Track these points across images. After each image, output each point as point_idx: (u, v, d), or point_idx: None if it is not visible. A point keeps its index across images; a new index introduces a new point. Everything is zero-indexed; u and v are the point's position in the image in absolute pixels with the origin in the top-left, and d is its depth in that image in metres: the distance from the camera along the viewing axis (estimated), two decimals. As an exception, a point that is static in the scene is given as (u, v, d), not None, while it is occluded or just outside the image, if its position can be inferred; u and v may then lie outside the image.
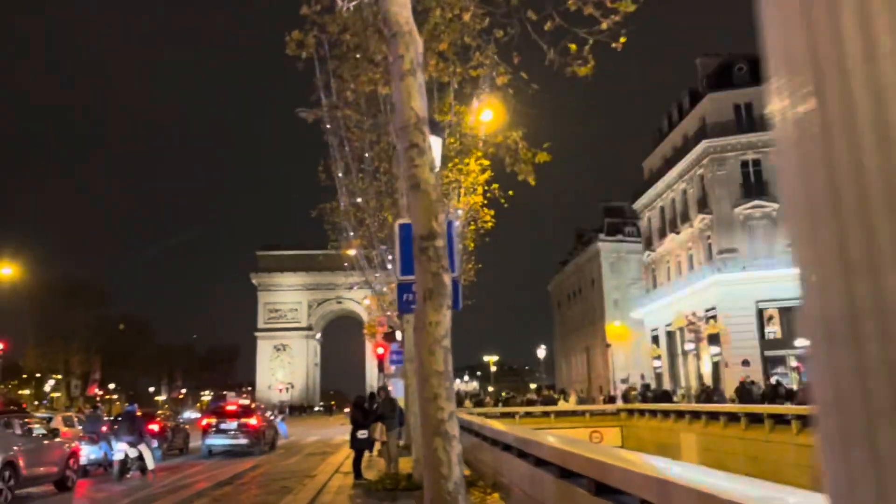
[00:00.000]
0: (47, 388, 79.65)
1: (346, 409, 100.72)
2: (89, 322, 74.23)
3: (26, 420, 14.01)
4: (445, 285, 4.35)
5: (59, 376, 75.63)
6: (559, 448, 7.42)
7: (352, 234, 21.89)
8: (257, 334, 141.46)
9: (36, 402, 76.26)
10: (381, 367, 32.41)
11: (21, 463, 12.69)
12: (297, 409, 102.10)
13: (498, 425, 13.36)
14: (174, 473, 17.93)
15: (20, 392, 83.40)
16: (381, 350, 31.21)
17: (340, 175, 21.13)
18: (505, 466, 11.33)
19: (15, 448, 12.71)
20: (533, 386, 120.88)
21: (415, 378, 4.24)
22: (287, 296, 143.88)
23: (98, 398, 74.89)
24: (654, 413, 30.21)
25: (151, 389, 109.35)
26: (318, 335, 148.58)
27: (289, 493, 13.75)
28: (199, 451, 23.76)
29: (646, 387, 43.59)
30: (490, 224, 22.35)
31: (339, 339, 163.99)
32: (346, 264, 26.99)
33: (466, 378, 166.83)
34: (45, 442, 14.10)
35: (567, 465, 7.19)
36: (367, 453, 14.84)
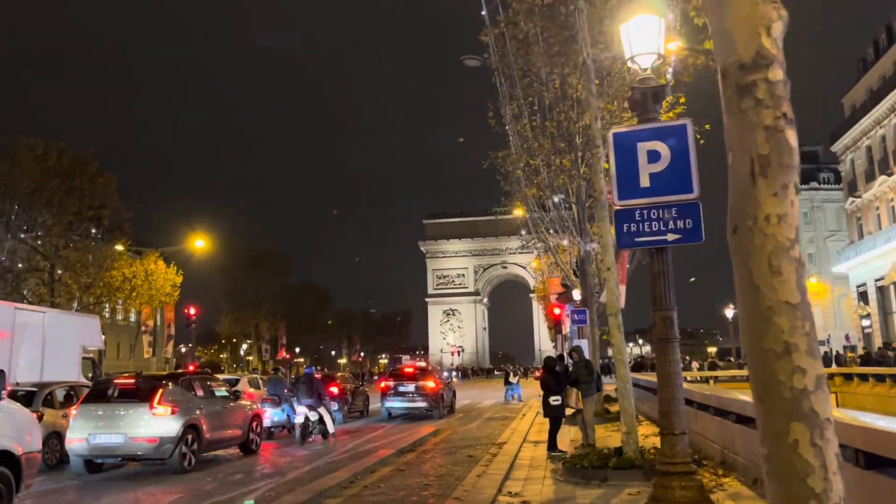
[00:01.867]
0: (241, 352, 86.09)
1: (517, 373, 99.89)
2: (274, 290, 78.70)
3: (209, 383, 13.68)
4: (790, 148, 2.41)
5: (251, 341, 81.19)
6: (866, 427, 5.22)
7: (524, 183, 20.08)
8: (427, 300, 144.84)
9: (234, 366, 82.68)
10: (557, 329, 30.68)
11: (204, 426, 12.32)
12: (467, 373, 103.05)
13: (732, 392, 11.11)
14: (355, 438, 17.33)
15: (221, 356, 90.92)
16: (556, 311, 29.46)
17: (509, 122, 19.42)
18: (741, 442, 9.17)
19: (197, 411, 12.34)
20: (712, 350, 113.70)
21: (750, 318, 2.29)
22: (454, 262, 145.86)
23: (287, 361, 79.58)
24: (880, 378, 26.01)
25: (333, 353, 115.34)
26: (485, 300, 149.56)
27: (475, 462, 12.42)
28: (379, 414, 23.37)
29: (887, 345, 37.06)
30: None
31: (506, 303, 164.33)
32: (521, 219, 25.15)
33: (631, 343, 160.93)
34: (229, 405, 13.75)
35: (881, 450, 5.02)
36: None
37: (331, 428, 16.57)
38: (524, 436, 15.64)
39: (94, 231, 44.54)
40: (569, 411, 13.14)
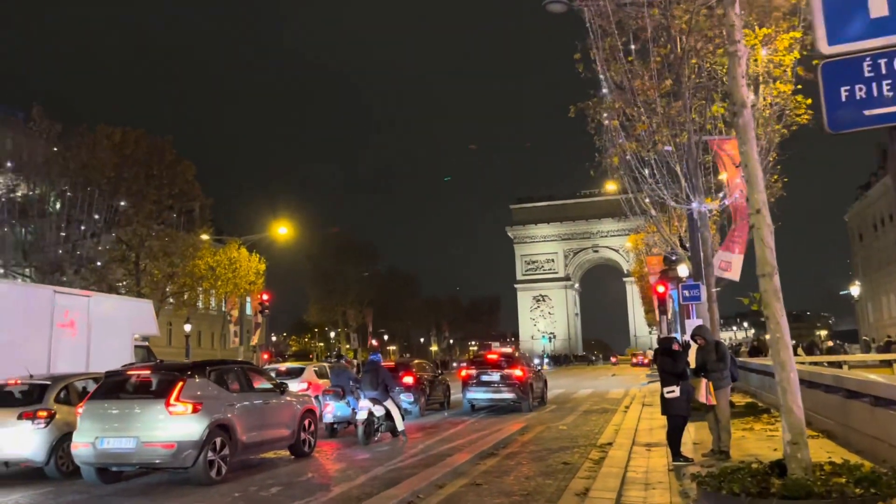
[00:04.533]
0: (331, 340, 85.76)
1: (613, 359, 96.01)
2: (360, 277, 77.79)
3: (248, 373, 11.47)
4: None
5: (339, 329, 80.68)
6: None
7: (621, 135, 16.97)
8: (517, 286, 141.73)
9: (327, 354, 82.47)
10: (662, 310, 27.32)
11: (238, 427, 10.11)
12: (560, 359, 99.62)
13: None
14: (429, 436, 14.88)
15: (318, 344, 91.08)
16: (661, 289, 26.13)
17: (602, 62, 16.36)
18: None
19: (229, 409, 10.14)
20: (823, 333, 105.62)
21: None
22: (542, 247, 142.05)
23: (375, 349, 78.64)
24: None
25: (422, 340, 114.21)
26: (576, 285, 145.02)
27: (572, 473, 9.71)
28: (461, 406, 20.90)
29: None
30: (805, 117, 16.22)
31: (598, 288, 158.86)
32: (617, 184, 21.91)
33: (734, 326, 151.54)
34: (273, 400, 11.52)
35: None
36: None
37: (400, 425, 14.20)
38: (632, 436, 12.75)
39: (175, 219, 44.04)
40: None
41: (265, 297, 42.08)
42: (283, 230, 46.47)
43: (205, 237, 45.77)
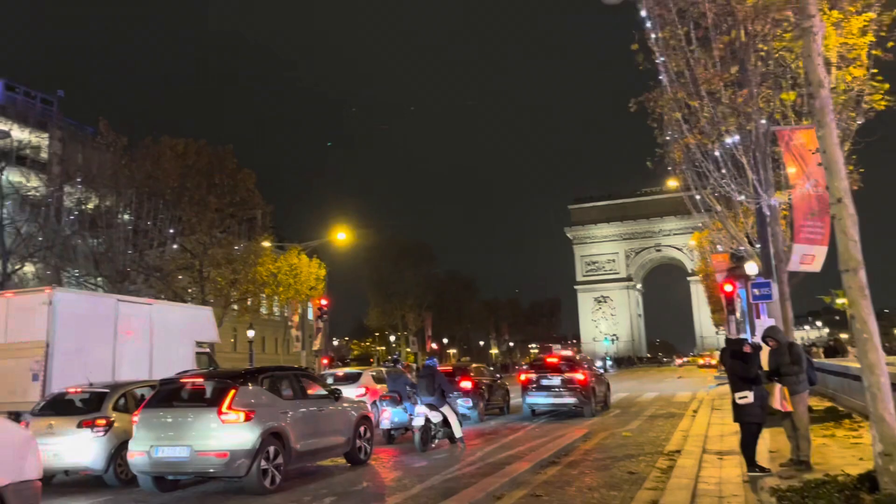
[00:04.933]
0: (391, 344, 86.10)
1: (678, 361, 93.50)
2: (419, 281, 77.89)
3: (301, 380, 11.33)
4: None
5: (399, 333, 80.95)
6: None
7: (684, 127, 16.22)
8: (577, 287, 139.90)
9: (388, 357, 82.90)
10: (730, 309, 26.24)
11: (291, 435, 9.94)
12: (623, 362, 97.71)
13: None
14: (488, 442, 14.49)
15: (378, 348, 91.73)
16: (728, 287, 25.06)
17: (662, 51, 15.68)
18: None
19: (283, 417, 9.98)
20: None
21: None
22: (603, 247, 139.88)
23: (435, 352, 78.57)
24: None
25: (482, 343, 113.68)
26: (639, 285, 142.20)
27: (639, 484, 9.19)
28: (521, 411, 20.43)
29: None
30: (883, 103, 15.23)
31: (661, 288, 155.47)
32: (684, 192, 20.99)
33: (806, 326, 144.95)
34: (328, 407, 11.34)
35: None
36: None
37: (457, 431, 13.85)
38: (702, 443, 12.09)
39: (236, 227, 44.86)
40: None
41: (324, 302, 42.38)
42: (341, 235, 46.91)
43: (266, 244, 46.45)
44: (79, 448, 10.20)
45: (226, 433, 9.12)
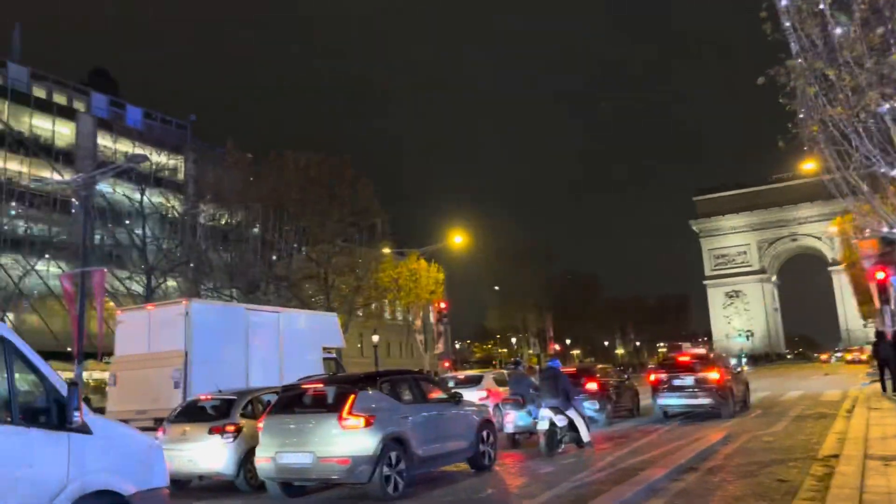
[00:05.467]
0: (513, 346, 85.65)
1: (823, 357, 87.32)
2: (538, 281, 77.00)
3: (421, 384, 11.13)
4: None
5: (520, 335, 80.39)
6: None
7: (822, 100, 14.77)
8: (706, 282, 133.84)
9: (510, 360, 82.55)
10: (884, 298, 23.87)
11: (413, 440, 9.75)
12: (760, 359, 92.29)
13: None
14: (618, 447, 13.76)
15: (500, 350, 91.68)
16: (880, 275, 22.80)
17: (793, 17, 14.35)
18: None
19: (404, 421, 9.81)
20: None
21: None
22: (732, 239, 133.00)
23: (559, 353, 77.33)
24: None
25: (606, 343, 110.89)
26: (773, 277, 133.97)
27: (792, 494, 8.29)
28: (652, 413, 19.43)
29: None
30: None
31: (799, 280, 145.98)
32: (823, 175, 19.25)
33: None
34: (449, 411, 11.09)
35: None
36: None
37: (585, 435, 13.25)
38: (863, 447, 10.85)
39: (357, 236, 45.99)
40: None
41: (444, 305, 42.57)
42: (458, 239, 47.09)
43: (386, 250, 47.37)
44: (211, 454, 10.49)
45: (347, 439, 9.05)
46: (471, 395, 15.66)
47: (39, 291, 38.41)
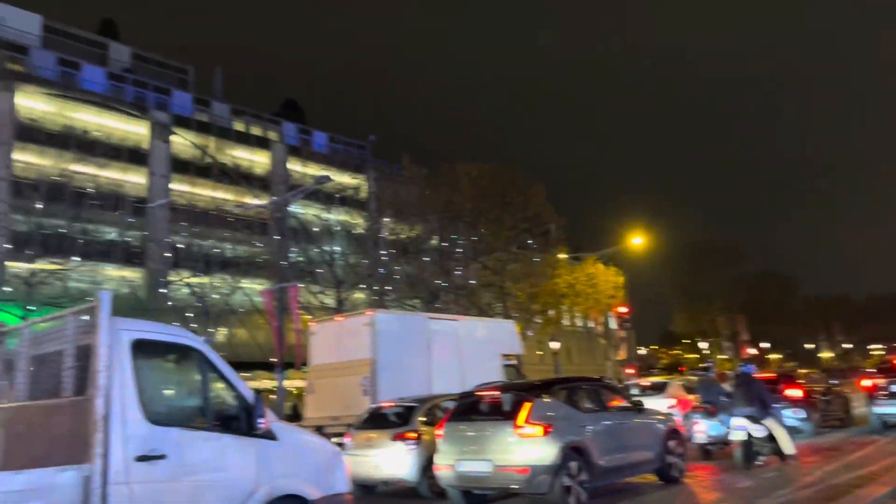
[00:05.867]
0: (702, 351, 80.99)
1: None
2: (726, 282, 72.33)
3: (600, 391, 10.71)
4: None
5: (710, 339, 75.83)
6: None
7: None
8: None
9: (699, 365, 78.29)
10: None
11: (594, 450, 9.37)
12: None
13: None
14: (828, 460, 12.40)
15: (687, 356, 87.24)
16: None
17: None
18: None
19: (584, 430, 9.47)
20: None
21: None
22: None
23: (756, 358, 72.05)
24: None
25: (809, 346, 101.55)
26: None
27: None
28: (867, 423, 17.38)
29: None
30: None
31: None
32: None
33: None
34: (632, 420, 10.58)
35: None
36: None
37: (787, 447, 12.06)
38: None
39: (530, 242, 45.88)
40: None
41: (624, 310, 41.19)
42: (637, 240, 45.42)
43: (561, 255, 46.79)
44: (394, 460, 10.78)
45: (525, 448, 8.88)
46: (656, 403, 14.93)
47: (245, 307, 42.07)
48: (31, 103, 39.65)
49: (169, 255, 42.27)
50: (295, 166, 51.09)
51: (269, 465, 5.85)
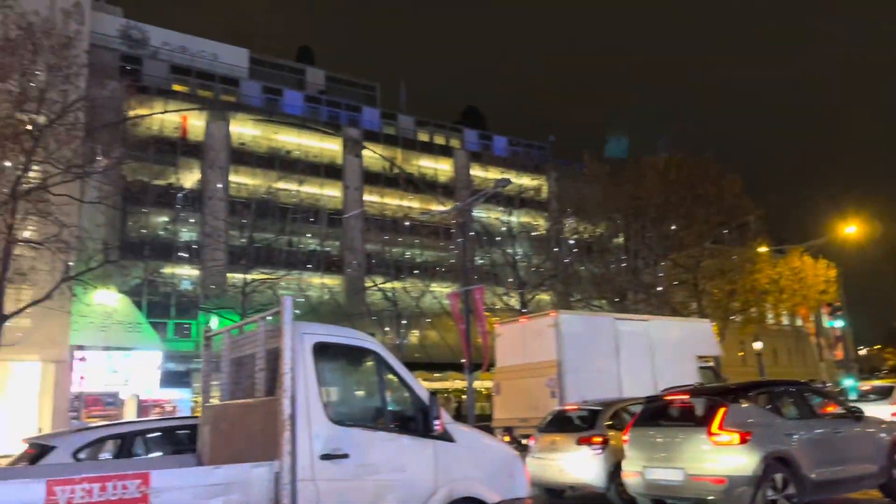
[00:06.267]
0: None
1: None
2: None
3: (808, 396, 9.64)
4: None
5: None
6: None
7: None
8: None
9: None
10: None
11: (802, 461, 8.46)
12: None
13: None
14: None
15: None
16: None
17: None
18: None
19: (789, 439, 8.58)
20: None
21: None
22: None
23: None
24: None
25: None
26: None
27: None
28: None
29: None
30: None
31: None
32: None
33: None
34: (847, 429, 9.43)
35: None
36: None
37: None
38: None
39: (726, 235, 42.97)
40: None
41: (838, 305, 37.28)
42: (851, 229, 40.97)
43: (762, 249, 43.37)
44: (579, 465, 10.48)
45: (720, 456, 8.22)
46: (879, 411, 13.26)
47: (434, 310, 43.49)
48: (242, 129, 43.95)
49: (363, 262, 44.81)
50: (476, 171, 52.06)
51: (447, 467, 5.87)
